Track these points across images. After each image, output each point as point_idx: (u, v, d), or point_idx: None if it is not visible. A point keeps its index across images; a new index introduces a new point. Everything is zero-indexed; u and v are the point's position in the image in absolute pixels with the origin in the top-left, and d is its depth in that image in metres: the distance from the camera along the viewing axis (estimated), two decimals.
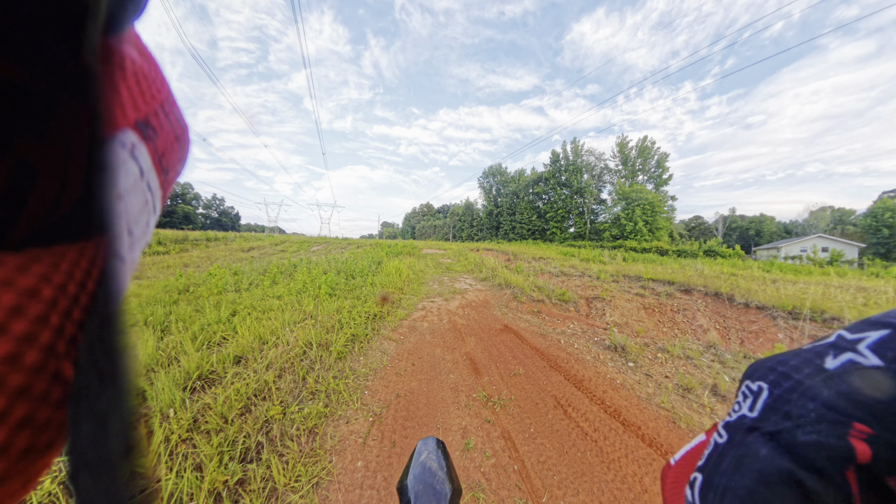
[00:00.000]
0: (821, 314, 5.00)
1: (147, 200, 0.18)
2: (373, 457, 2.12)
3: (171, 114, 0.20)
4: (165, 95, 0.19)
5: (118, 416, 0.13)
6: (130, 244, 0.17)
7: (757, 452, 0.24)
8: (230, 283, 6.83)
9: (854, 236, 55.58)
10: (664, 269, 9.92)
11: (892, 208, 49.06)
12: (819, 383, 0.23)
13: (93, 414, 0.12)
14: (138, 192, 0.17)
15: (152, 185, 0.18)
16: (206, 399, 2.44)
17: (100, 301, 0.13)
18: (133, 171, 0.16)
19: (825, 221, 74.66)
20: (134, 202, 0.17)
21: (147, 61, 0.17)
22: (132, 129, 0.16)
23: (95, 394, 0.12)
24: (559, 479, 1.98)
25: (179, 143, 0.22)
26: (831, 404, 0.22)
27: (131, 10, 0.15)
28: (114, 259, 0.14)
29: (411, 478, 0.48)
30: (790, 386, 0.25)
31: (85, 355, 0.12)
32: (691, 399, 3.03)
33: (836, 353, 0.24)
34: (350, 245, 24.48)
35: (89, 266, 0.13)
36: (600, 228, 42.88)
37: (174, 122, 0.21)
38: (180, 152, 0.22)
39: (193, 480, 1.76)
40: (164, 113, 0.19)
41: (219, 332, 3.88)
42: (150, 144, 0.18)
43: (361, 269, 9.25)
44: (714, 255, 26.55)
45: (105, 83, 0.13)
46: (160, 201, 0.20)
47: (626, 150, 45.22)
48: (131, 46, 0.16)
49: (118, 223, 0.15)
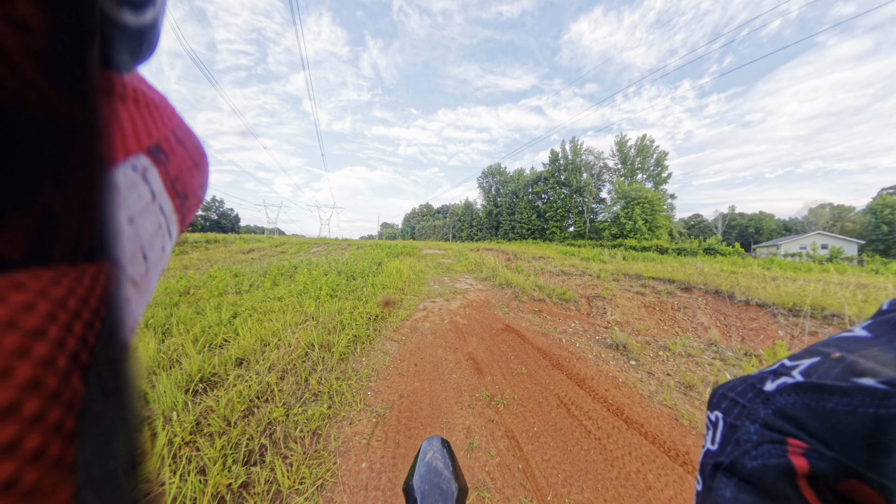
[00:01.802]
0: (821, 311, 5.01)
1: (161, 224, 0.19)
2: (377, 458, 2.12)
3: (186, 141, 0.21)
4: (177, 124, 0.21)
5: (124, 433, 0.12)
6: (146, 269, 0.17)
7: (724, 497, 0.25)
8: (231, 285, 6.82)
9: (853, 233, 55.64)
10: (664, 268, 9.93)
11: (891, 205, 49.10)
12: (759, 405, 0.25)
13: (98, 432, 0.11)
14: (151, 214, 0.18)
15: (165, 207, 0.19)
16: (208, 401, 2.44)
17: (109, 324, 0.13)
18: (145, 194, 0.17)
19: (824, 218, 74.70)
20: (147, 225, 0.17)
21: (155, 93, 0.19)
22: (144, 153, 0.17)
23: (101, 410, 0.12)
24: (563, 477, 1.98)
25: (199, 169, 0.23)
26: (769, 423, 0.24)
27: (145, 48, 0.17)
28: (125, 283, 0.14)
29: (417, 478, 0.48)
30: (738, 412, 0.27)
31: (92, 376, 0.12)
32: (693, 396, 3.03)
33: (774, 377, 0.26)
34: (350, 246, 24.48)
35: (98, 289, 0.12)
36: (600, 227, 42.88)
37: (191, 150, 0.22)
38: (200, 178, 0.23)
39: (197, 484, 1.76)
40: (177, 139, 0.21)
41: (220, 334, 3.88)
42: (162, 168, 0.18)
43: (362, 269, 9.25)
44: (714, 253, 26.57)
45: (119, 115, 0.15)
46: (176, 226, 0.21)
47: (625, 149, 45.25)
48: (140, 81, 0.18)
49: (131, 246, 0.16)
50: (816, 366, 0.24)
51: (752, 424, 0.25)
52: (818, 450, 0.21)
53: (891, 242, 48.01)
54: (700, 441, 2.37)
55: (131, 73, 0.17)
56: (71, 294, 0.11)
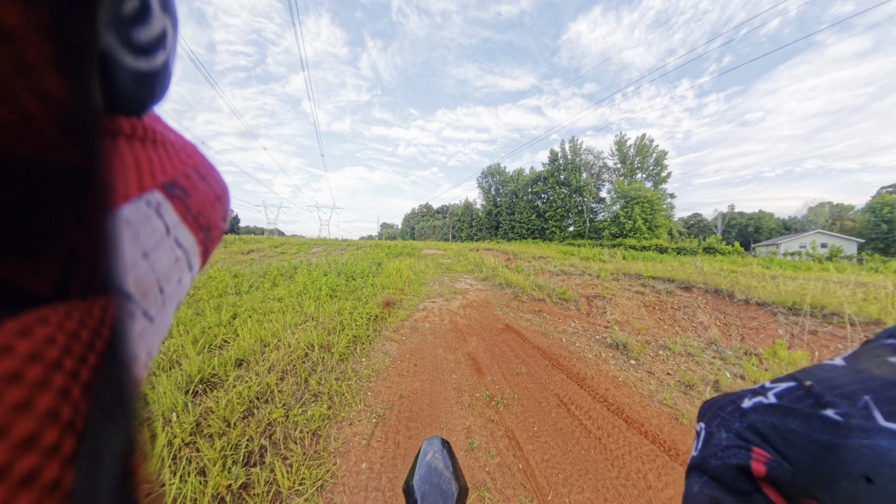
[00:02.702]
0: (821, 310, 5.01)
1: (178, 257, 0.19)
2: (377, 458, 2.12)
3: (208, 177, 0.23)
4: (199, 161, 0.22)
5: (121, 459, 0.12)
6: (162, 302, 0.17)
7: (692, 491, 0.28)
8: (230, 286, 6.82)
9: (853, 232, 55.68)
10: (664, 267, 9.93)
11: (891, 203, 49.18)
12: (735, 418, 0.29)
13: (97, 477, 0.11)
14: (166, 248, 0.18)
15: (183, 241, 0.20)
16: (208, 402, 2.44)
17: (113, 361, 0.12)
18: (158, 228, 0.17)
19: (824, 217, 74.75)
20: (162, 259, 0.18)
21: (171, 132, 0.20)
22: (158, 189, 0.18)
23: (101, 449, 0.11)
24: (564, 476, 1.98)
25: (221, 202, 0.24)
26: (741, 434, 0.27)
27: (158, 90, 0.18)
28: (137, 316, 0.15)
29: (417, 478, 0.48)
30: (717, 423, 0.30)
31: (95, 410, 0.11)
32: (693, 395, 3.03)
33: (752, 395, 0.29)
34: (350, 246, 24.47)
35: (108, 322, 0.13)
36: (599, 227, 42.90)
37: (213, 185, 0.23)
38: (222, 211, 0.24)
39: (197, 485, 1.76)
40: (200, 175, 0.22)
41: (220, 334, 3.87)
42: (179, 203, 0.19)
43: (362, 270, 9.25)
44: (713, 253, 26.60)
45: (128, 155, 0.16)
46: (198, 258, 0.22)
47: (625, 149, 45.29)
48: (155, 121, 0.19)
49: (147, 280, 0.16)
50: (791, 390, 0.27)
51: (726, 433, 0.28)
52: (779, 461, 0.24)
53: (890, 241, 48.08)
54: None
55: (146, 114, 0.18)
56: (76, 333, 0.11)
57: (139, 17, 0.14)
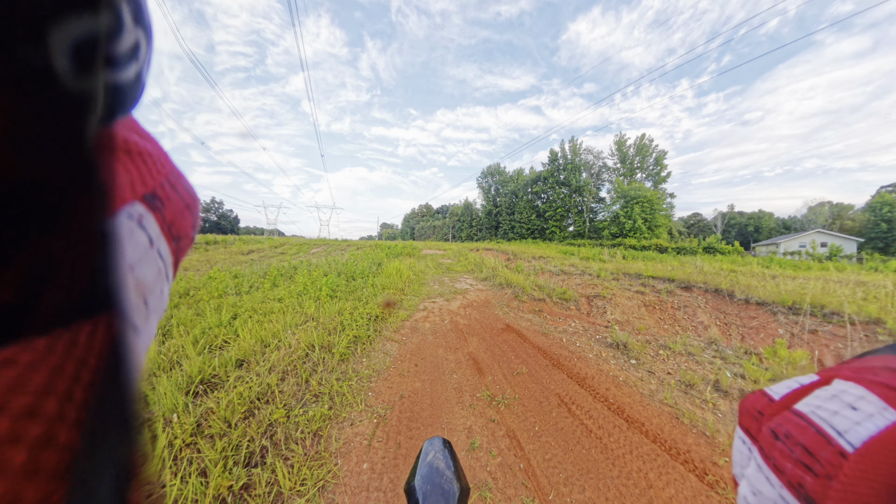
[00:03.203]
0: (821, 309, 5.01)
1: (160, 269, 0.19)
2: (378, 458, 2.12)
3: (178, 185, 0.22)
4: (170, 169, 0.21)
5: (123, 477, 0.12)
6: (146, 314, 0.17)
7: None
8: (230, 287, 6.81)
9: (853, 231, 55.68)
10: (664, 267, 9.93)
11: (890, 203, 49.17)
12: None
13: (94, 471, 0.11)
14: (150, 260, 0.18)
15: (163, 252, 0.19)
16: (209, 403, 2.44)
17: (111, 377, 0.12)
18: (142, 241, 0.17)
19: (823, 217, 74.73)
20: (147, 272, 0.18)
21: (148, 141, 0.20)
22: (140, 201, 0.17)
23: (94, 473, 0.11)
24: (565, 476, 1.98)
25: (190, 211, 0.23)
26: None
27: (129, 101, 0.17)
28: (128, 331, 0.14)
29: (419, 478, 0.48)
30: None
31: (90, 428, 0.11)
32: (694, 395, 3.03)
33: None
34: (350, 246, 24.46)
35: (103, 340, 0.12)
36: (599, 227, 42.88)
37: (182, 193, 0.22)
38: (192, 220, 0.24)
39: (198, 486, 1.76)
40: (171, 185, 0.21)
41: (220, 335, 3.87)
42: (158, 214, 0.19)
43: (362, 270, 9.24)
44: (713, 252, 26.58)
45: (110, 167, 0.15)
46: (172, 269, 0.21)
47: (625, 149, 45.28)
48: (131, 131, 0.18)
49: (133, 294, 0.16)
50: None
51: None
52: None
53: (890, 240, 48.07)
54: (698, 439, 2.38)
55: (122, 121, 0.17)
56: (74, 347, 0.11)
57: (112, 32, 0.14)
